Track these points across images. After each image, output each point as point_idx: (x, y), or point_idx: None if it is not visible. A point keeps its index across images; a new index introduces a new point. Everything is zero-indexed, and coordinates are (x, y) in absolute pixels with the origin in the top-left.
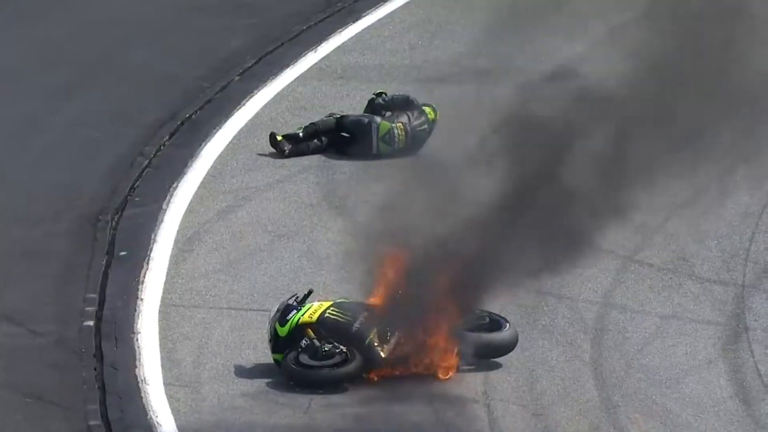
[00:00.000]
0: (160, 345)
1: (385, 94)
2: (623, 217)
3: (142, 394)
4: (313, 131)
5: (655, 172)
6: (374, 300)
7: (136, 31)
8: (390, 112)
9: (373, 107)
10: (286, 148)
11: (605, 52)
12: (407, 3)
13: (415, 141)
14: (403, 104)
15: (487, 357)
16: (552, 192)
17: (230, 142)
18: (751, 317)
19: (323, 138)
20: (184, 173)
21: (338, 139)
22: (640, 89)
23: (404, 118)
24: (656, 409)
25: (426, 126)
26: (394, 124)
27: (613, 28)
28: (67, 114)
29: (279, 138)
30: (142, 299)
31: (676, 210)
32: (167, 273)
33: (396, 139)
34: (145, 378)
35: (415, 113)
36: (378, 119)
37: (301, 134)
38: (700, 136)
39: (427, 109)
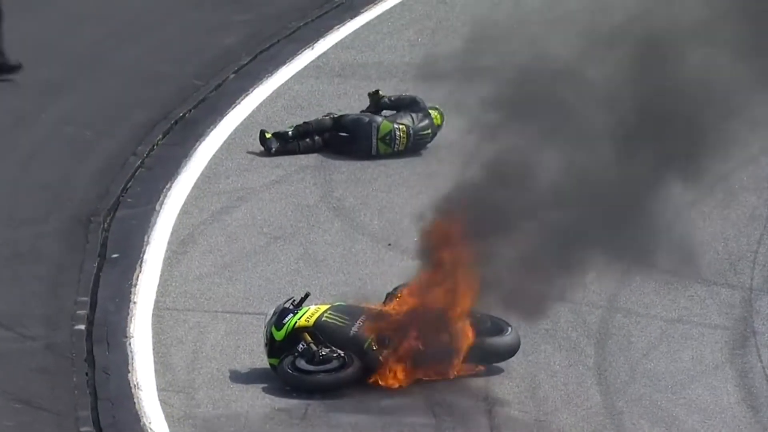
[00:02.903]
0: (153, 349)
1: (387, 97)
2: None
3: (135, 400)
4: (304, 130)
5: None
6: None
7: (127, 27)
8: (394, 112)
9: (378, 105)
10: (273, 146)
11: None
12: None
13: (416, 144)
14: (410, 105)
15: (488, 362)
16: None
17: (225, 142)
18: (759, 321)
19: (316, 137)
20: (178, 173)
21: (336, 138)
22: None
23: (408, 120)
24: (661, 415)
25: (430, 130)
26: (396, 125)
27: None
28: (56, 112)
29: (267, 135)
30: (134, 302)
31: (682, 210)
32: (161, 276)
33: (397, 141)
34: (137, 383)
35: (420, 115)
36: (379, 119)
37: (290, 133)
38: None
39: (433, 113)
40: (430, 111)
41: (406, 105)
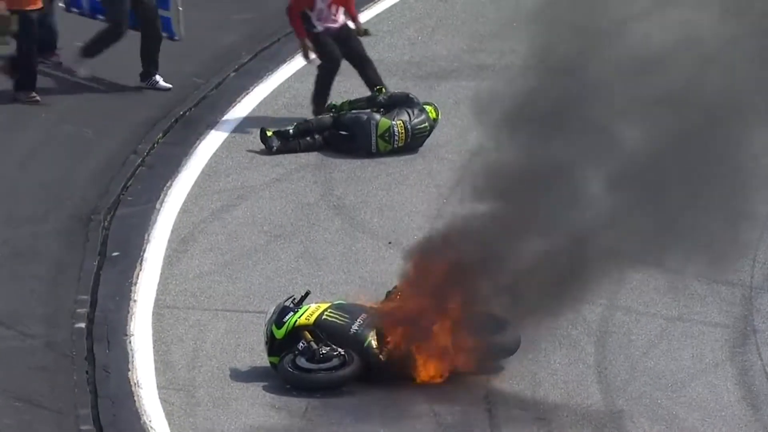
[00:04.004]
0: (153, 348)
1: (385, 91)
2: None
3: (135, 398)
4: (305, 129)
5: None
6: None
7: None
8: (390, 109)
9: (372, 104)
10: (274, 145)
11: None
12: None
13: (414, 139)
14: (403, 101)
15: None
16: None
17: (225, 140)
18: (759, 319)
19: (316, 136)
20: (178, 172)
21: (336, 136)
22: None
23: (404, 116)
24: (662, 414)
25: (426, 124)
26: (394, 122)
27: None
28: (56, 110)
29: (269, 134)
30: (135, 301)
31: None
32: (161, 274)
33: (396, 137)
34: (138, 381)
35: (416, 111)
36: (377, 116)
37: (291, 131)
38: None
39: (428, 108)
40: (425, 106)
41: (400, 102)
